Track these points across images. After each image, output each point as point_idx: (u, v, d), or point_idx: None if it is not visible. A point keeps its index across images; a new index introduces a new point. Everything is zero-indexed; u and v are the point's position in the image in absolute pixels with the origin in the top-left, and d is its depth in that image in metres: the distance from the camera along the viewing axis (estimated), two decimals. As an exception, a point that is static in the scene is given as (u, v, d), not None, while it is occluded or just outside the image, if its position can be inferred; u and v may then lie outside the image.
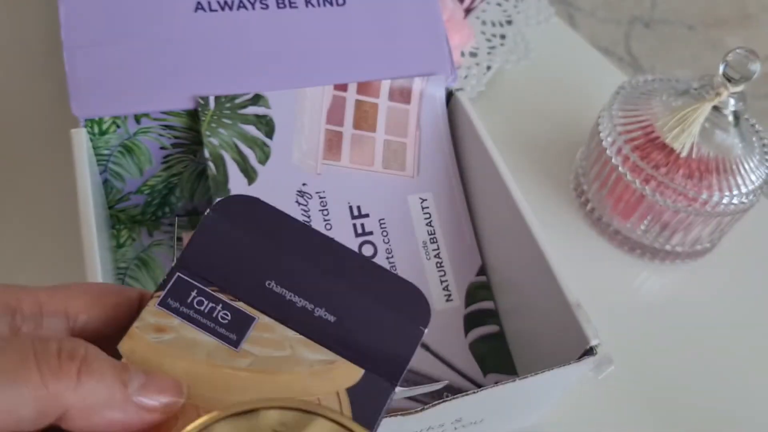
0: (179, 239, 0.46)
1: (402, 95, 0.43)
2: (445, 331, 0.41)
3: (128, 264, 0.45)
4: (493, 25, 0.67)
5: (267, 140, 0.41)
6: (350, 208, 0.41)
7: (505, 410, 0.38)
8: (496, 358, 0.41)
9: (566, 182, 0.57)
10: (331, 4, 0.44)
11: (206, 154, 0.40)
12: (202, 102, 0.40)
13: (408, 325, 0.23)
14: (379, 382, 0.22)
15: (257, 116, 0.41)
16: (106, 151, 0.41)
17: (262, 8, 0.42)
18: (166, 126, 0.41)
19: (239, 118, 0.41)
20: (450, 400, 0.31)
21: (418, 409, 0.31)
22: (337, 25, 0.43)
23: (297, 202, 0.40)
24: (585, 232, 0.54)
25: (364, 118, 0.43)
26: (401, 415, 0.30)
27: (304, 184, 0.41)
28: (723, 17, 1.70)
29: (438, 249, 0.42)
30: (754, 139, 0.50)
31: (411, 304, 0.24)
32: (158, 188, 0.45)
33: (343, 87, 0.42)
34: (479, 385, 0.40)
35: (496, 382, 0.33)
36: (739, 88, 0.47)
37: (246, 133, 0.41)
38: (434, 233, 0.42)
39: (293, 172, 0.41)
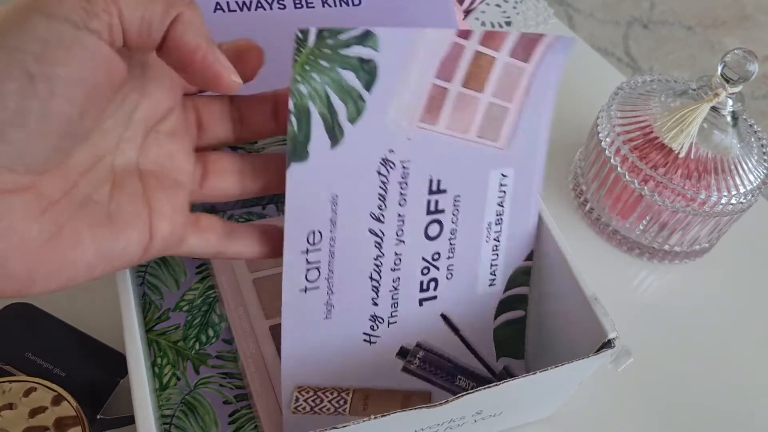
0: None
1: (525, 50, 0.38)
2: (477, 315, 0.40)
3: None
4: (493, 26, 0.67)
5: (364, 92, 0.36)
6: (430, 182, 0.39)
7: (524, 402, 0.38)
8: (512, 343, 0.41)
9: (565, 182, 0.57)
10: (347, 4, 0.44)
11: (291, 105, 0.34)
12: (300, 37, 0.33)
13: None
14: None
15: (360, 60, 0.35)
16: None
17: (279, 8, 0.42)
18: None
19: (339, 61, 0.35)
20: (473, 392, 0.32)
21: (442, 402, 0.31)
22: (352, 25, 0.43)
23: (378, 172, 0.37)
24: (583, 232, 0.54)
25: (477, 74, 0.38)
26: (426, 408, 0.31)
27: (390, 151, 0.37)
28: (721, 18, 1.70)
29: (500, 231, 0.41)
30: (752, 139, 0.51)
31: None
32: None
33: (466, 34, 0.37)
34: (491, 369, 0.41)
35: (505, 367, 0.32)
36: (737, 89, 0.47)
37: (343, 80, 0.35)
38: (501, 214, 0.41)
39: (382, 136, 0.37)
